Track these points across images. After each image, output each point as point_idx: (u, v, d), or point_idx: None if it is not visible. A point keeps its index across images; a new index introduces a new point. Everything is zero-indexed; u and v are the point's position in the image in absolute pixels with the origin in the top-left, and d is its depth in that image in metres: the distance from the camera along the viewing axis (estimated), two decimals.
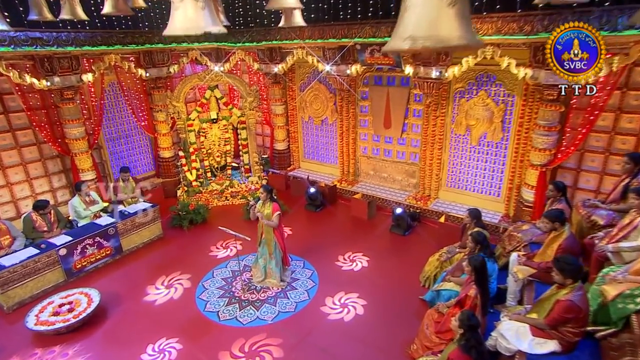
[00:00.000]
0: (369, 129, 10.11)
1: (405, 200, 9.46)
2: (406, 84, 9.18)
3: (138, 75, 9.95)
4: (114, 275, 7.58)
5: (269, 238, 6.83)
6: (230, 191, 10.36)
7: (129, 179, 8.99)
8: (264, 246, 6.97)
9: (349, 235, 8.61)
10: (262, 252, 7.02)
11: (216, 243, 8.42)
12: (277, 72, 10.46)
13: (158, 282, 7.29)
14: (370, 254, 7.88)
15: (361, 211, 9.30)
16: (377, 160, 10.23)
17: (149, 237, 8.55)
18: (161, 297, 6.88)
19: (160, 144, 10.89)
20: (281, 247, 6.95)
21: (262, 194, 6.74)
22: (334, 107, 10.53)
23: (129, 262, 7.99)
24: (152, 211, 8.56)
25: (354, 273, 7.38)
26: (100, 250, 7.74)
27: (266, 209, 6.73)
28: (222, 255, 8.03)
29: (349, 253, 7.97)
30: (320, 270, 7.43)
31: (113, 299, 6.84)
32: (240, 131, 10.60)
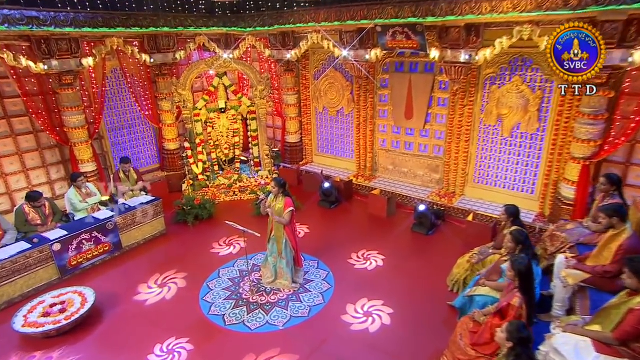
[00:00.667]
0: (389, 120, 9.59)
1: (427, 197, 8.91)
2: (430, 70, 8.63)
3: (142, 61, 9.52)
4: (112, 273, 7.14)
5: (278, 235, 6.35)
6: (238, 186, 9.91)
7: (130, 171, 8.55)
8: (273, 244, 6.49)
9: (366, 234, 8.11)
10: (272, 250, 6.54)
11: (219, 240, 7.98)
12: (290, 58, 9.98)
13: (151, 280, 6.86)
14: (390, 254, 7.37)
15: (380, 208, 8.77)
16: (397, 153, 9.70)
17: (150, 233, 8.11)
18: (153, 297, 6.45)
19: (165, 135, 10.46)
20: (293, 246, 6.46)
21: (274, 188, 6.25)
22: (351, 96, 10.02)
23: (128, 259, 7.55)
24: (155, 205, 8.12)
25: (369, 273, 6.88)
26: (98, 247, 7.29)
27: (278, 204, 6.25)
28: (224, 253, 7.59)
29: (364, 251, 7.49)
30: (336, 272, 6.92)
31: (110, 299, 6.38)
32: (249, 122, 10.16)
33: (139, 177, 8.68)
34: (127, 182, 8.50)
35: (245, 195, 9.85)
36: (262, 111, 10.00)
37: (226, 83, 9.86)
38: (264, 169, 10.42)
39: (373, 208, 8.90)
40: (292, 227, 6.41)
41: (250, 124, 10.16)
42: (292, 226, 6.39)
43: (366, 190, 9.75)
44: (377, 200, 8.82)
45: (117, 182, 8.44)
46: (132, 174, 8.59)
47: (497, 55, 7.26)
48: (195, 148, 9.73)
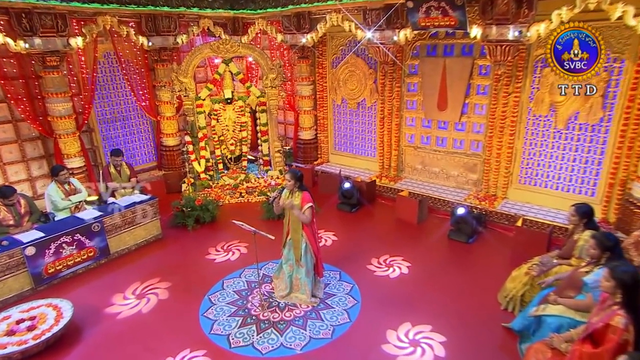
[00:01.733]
0: (418, 112, 8.84)
1: (464, 200, 8.04)
2: (469, 53, 7.85)
3: (139, 45, 8.84)
4: (97, 283, 6.30)
5: (296, 238, 5.52)
6: (245, 187, 9.12)
7: (122, 165, 7.75)
8: (289, 249, 5.65)
9: (395, 242, 7.28)
10: (288, 257, 5.70)
11: (217, 244, 7.25)
12: (305, 43, 9.28)
13: (129, 290, 6.09)
14: (424, 265, 6.55)
15: (409, 213, 7.94)
16: (427, 151, 8.91)
17: (144, 238, 7.31)
18: (127, 310, 5.66)
19: (164, 129, 9.74)
20: (313, 252, 5.62)
21: (289, 180, 5.44)
22: (374, 85, 9.27)
23: (117, 267, 6.73)
24: (150, 205, 7.32)
25: (400, 288, 6.02)
26: (81, 252, 6.46)
27: (294, 200, 5.41)
28: (220, 259, 6.85)
29: (391, 260, 6.71)
30: (362, 284, 6.08)
31: (91, 314, 5.54)
32: (259, 115, 9.42)
33: (132, 174, 7.87)
34: (119, 179, 7.70)
35: (253, 197, 9.07)
36: (273, 102, 9.27)
37: (233, 70, 9.15)
38: (274, 169, 9.65)
39: (401, 212, 8.08)
40: (312, 227, 5.59)
41: (260, 117, 9.42)
42: (312, 227, 5.58)
43: (391, 192, 8.95)
44: (406, 203, 7.98)
45: (106, 179, 7.63)
46: (124, 169, 7.78)
47: (551, 31, 6.43)
48: (198, 143, 8.96)
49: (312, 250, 5.60)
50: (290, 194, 5.52)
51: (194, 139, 8.91)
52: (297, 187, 5.46)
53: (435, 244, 7.20)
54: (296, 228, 5.52)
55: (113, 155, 7.68)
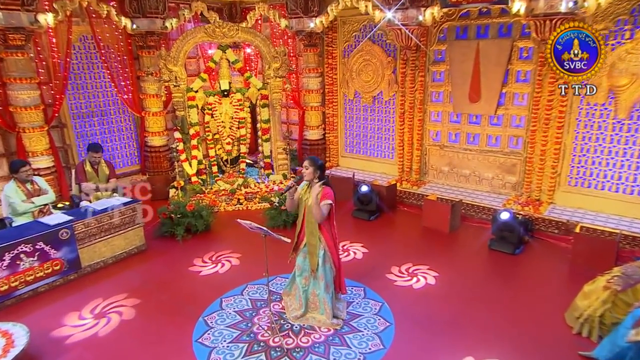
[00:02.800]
0: (445, 105, 8.19)
1: (502, 206, 7.24)
2: (507, 33, 7.20)
3: (121, 27, 8.09)
4: (63, 304, 5.38)
5: (313, 243, 4.70)
6: (243, 192, 8.31)
7: (100, 163, 6.87)
8: (305, 258, 4.83)
9: (425, 253, 6.48)
10: (303, 268, 4.88)
11: (204, 255, 6.51)
12: (314, 29, 8.66)
13: (86, 309, 5.24)
14: (465, 281, 5.77)
15: (439, 219, 7.19)
16: (456, 150, 8.22)
17: (123, 249, 6.46)
18: (79, 333, 4.81)
19: (149, 126, 8.93)
20: (334, 261, 4.78)
21: (308, 168, 4.64)
22: (393, 76, 8.62)
23: (89, 284, 5.84)
24: (132, 210, 6.50)
25: (442, 309, 5.17)
26: (44, 264, 5.54)
27: (313, 194, 4.59)
28: (207, 272, 6.10)
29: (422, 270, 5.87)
30: (393, 303, 5.23)
31: (52, 342, 4.62)
32: (260, 110, 8.70)
33: (112, 174, 7.01)
34: (95, 178, 6.81)
35: (253, 204, 8.27)
36: (276, 96, 8.58)
37: (230, 58, 8.43)
38: (276, 172, 8.86)
39: (429, 219, 7.31)
40: (332, 231, 4.77)
41: (261, 113, 8.69)
42: (331, 230, 4.76)
43: (413, 198, 8.19)
44: (436, 208, 7.23)
45: (80, 178, 6.74)
46: (102, 167, 6.91)
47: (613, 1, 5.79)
48: (189, 140, 8.18)
49: (332, 260, 4.77)
50: (308, 187, 4.71)
51: (184, 136, 8.11)
52: (317, 178, 4.64)
53: (474, 256, 6.43)
54: (313, 231, 4.69)
55: (91, 150, 6.80)
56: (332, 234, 4.77)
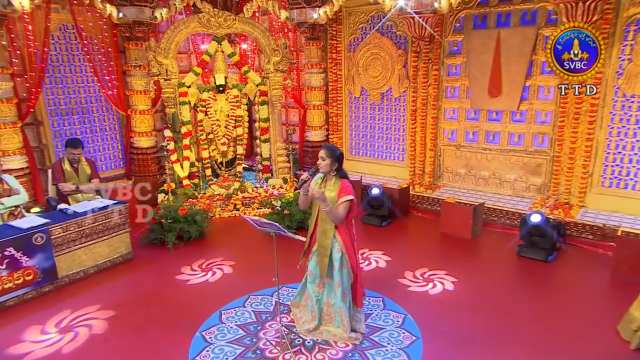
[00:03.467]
0: (462, 101, 7.95)
1: (529, 209, 6.91)
2: (531, 21, 6.96)
3: (106, 16, 7.71)
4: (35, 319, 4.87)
5: (324, 245, 4.30)
6: (240, 197, 7.96)
7: (80, 161, 6.42)
8: (318, 262, 4.35)
9: (448, 261, 6.11)
10: (316, 273, 4.44)
11: (194, 263, 6.16)
12: (318, 20, 8.40)
13: (50, 323, 4.79)
14: (493, 290, 5.42)
15: (459, 224, 6.86)
16: (474, 150, 7.94)
17: (107, 257, 6.02)
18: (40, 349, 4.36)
19: (136, 126, 8.53)
20: (352, 266, 4.38)
21: (325, 159, 4.25)
22: (404, 70, 8.39)
23: (66, 296, 5.34)
24: (119, 213, 6.08)
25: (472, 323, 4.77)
26: (14, 274, 5.05)
27: (329, 188, 4.26)
28: (195, 281, 5.73)
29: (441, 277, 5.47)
30: (417, 314, 4.82)
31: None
32: (259, 107, 8.43)
33: (94, 173, 6.56)
34: (75, 178, 6.34)
35: (251, 211, 7.89)
36: (276, 92, 8.35)
37: (227, 50, 8.20)
38: (276, 176, 8.53)
39: (448, 224, 6.99)
40: (350, 232, 4.36)
41: (259, 111, 8.40)
42: (349, 230, 4.35)
43: (428, 203, 7.90)
44: (456, 212, 6.90)
45: (57, 178, 6.28)
46: (83, 166, 6.45)
47: None
48: (180, 139, 7.82)
49: (349, 265, 4.35)
50: (323, 181, 4.32)
51: (175, 134, 7.73)
52: (335, 171, 4.26)
53: (502, 264, 6.07)
54: (326, 230, 4.29)
55: (69, 146, 6.35)
56: (351, 234, 4.37)
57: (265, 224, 4.07)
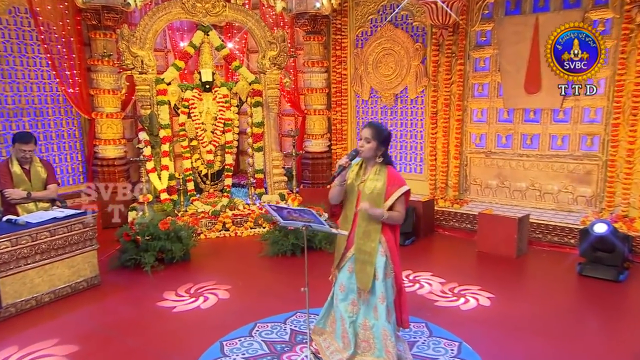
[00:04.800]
0: (492, 100, 7.78)
1: (581, 223, 6.59)
2: (575, 4, 6.86)
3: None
4: None
5: (367, 250, 3.72)
6: (230, 215, 7.52)
7: (32, 161, 5.80)
8: (352, 273, 3.80)
9: (493, 282, 5.66)
10: (349, 287, 3.84)
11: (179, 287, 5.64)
12: (321, 10, 8.31)
13: None
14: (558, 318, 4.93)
15: (500, 241, 6.48)
16: (508, 156, 7.75)
17: (67, 281, 5.36)
18: None
19: (101, 132, 8.12)
20: (396, 274, 3.82)
21: (369, 141, 3.71)
22: (422, 67, 8.27)
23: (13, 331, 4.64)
24: (83, 225, 5.49)
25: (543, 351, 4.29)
26: None
27: (370, 178, 3.75)
28: (183, 308, 5.19)
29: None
30: (474, 342, 4.30)
31: None
32: (252, 110, 8.13)
33: (51, 177, 5.96)
34: (27, 183, 5.68)
35: (243, 230, 7.52)
36: (272, 93, 8.07)
37: (215, 42, 7.91)
38: (271, 192, 8.13)
39: (487, 241, 6.62)
40: (396, 230, 3.83)
41: (253, 114, 8.07)
42: (394, 228, 3.81)
43: (454, 220, 7.69)
44: (496, 224, 6.54)
45: (3, 183, 5.60)
46: (36, 168, 5.81)
47: None
48: (159, 145, 7.38)
49: (394, 273, 3.76)
50: (364, 168, 3.78)
51: (153, 138, 7.24)
52: (380, 156, 3.71)
53: (561, 285, 5.68)
54: (369, 230, 3.68)
55: (18, 141, 5.67)
56: (396, 235, 3.80)
57: (294, 214, 3.48)
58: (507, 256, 6.38)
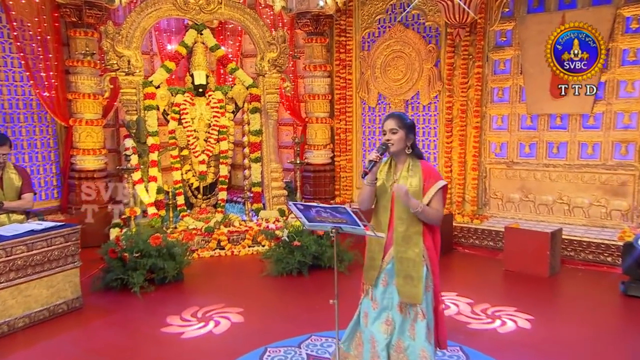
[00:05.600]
0: (513, 106, 7.79)
1: (619, 238, 6.48)
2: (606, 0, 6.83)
3: None
4: None
5: (410, 256, 3.50)
6: (226, 232, 7.31)
7: (5, 167, 5.57)
8: (387, 286, 3.58)
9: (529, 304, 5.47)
10: (384, 304, 3.60)
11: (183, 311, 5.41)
12: (324, 9, 8.29)
13: None
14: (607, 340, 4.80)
15: (530, 259, 6.31)
16: (532, 167, 7.73)
17: (45, 304, 5.08)
18: None
19: (79, 140, 7.96)
20: (435, 286, 3.62)
21: (396, 132, 3.51)
22: (435, 70, 8.28)
23: None
24: (65, 238, 5.22)
25: None
26: None
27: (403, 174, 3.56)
28: (193, 333, 4.96)
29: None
30: None
31: None
32: (249, 117, 8.05)
33: (26, 186, 5.73)
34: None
35: (240, 249, 7.31)
36: (271, 98, 7.98)
37: (209, 42, 7.86)
38: (269, 207, 7.95)
39: (515, 260, 6.45)
40: (435, 235, 3.65)
41: (250, 121, 7.98)
42: (434, 233, 3.63)
43: (474, 237, 7.59)
44: (525, 241, 6.36)
45: None
46: (9, 175, 5.56)
47: None
48: (146, 153, 7.17)
49: (434, 284, 3.56)
50: (390, 167, 3.56)
51: (140, 146, 7.01)
52: (409, 148, 3.50)
53: (606, 307, 5.48)
54: (410, 236, 3.47)
55: None
56: (436, 242, 3.57)
57: (323, 214, 3.23)
58: (538, 275, 6.21)
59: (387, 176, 3.55)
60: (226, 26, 9.35)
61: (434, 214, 3.44)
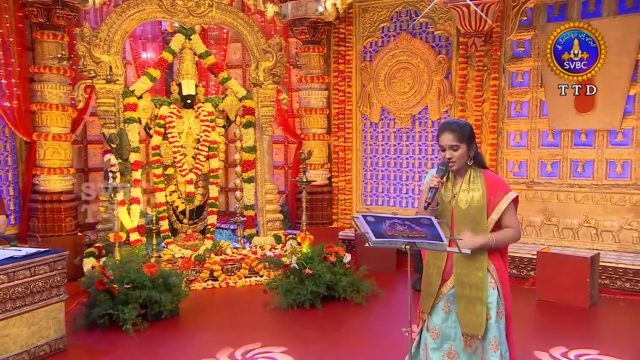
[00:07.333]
0: (533, 121, 7.87)
1: None
2: (635, 8, 6.99)
3: None
4: None
5: (474, 281, 3.41)
6: (219, 260, 7.10)
7: None
8: (449, 313, 3.48)
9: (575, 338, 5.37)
10: (446, 334, 3.50)
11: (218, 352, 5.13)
12: (322, 15, 8.24)
13: None
14: None
15: (567, 289, 6.22)
16: (555, 187, 7.77)
17: (24, 345, 4.72)
18: None
19: (43, 158, 7.66)
20: (507, 311, 3.50)
21: (457, 148, 3.41)
22: (446, 82, 8.36)
23: None
24: (49, 267, 4.91)
25: None
26: None
27: (464, 188, 3.49)
28: None
29: None
30: None
31: None
32: (241, 132, 7.94)
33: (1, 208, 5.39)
34: None
35: (236, 279, 7.10)
36: (266, 111, 7.88)
37: (198, 49, 7.76)
38: (263, 233, 7.77)
39: (549, 289, 6.37)
40: (505, 254, 3.59)
41: (243, 136, 7.86)
42: (504, 254, 3.55)
43: None
44: (561, 268, 6.27)
45: None
46: None
47: None
48: (129, 171, 6.81)
49: (506, 310, 3.47)
50: (449, 180, 3.50)
51: (122, 164, 6.68)
52: (471, 158, 3.42)
53: None
54: (473, 256, 3.33)
55: None
56: (505, 261, 3.51)
57: (399, 227, 3.03)
58: (578, 306, 6.10)
59: (445, 190, 3.43)
60: (209, 33, 9.18)
61: (510, 236, 3.37)
